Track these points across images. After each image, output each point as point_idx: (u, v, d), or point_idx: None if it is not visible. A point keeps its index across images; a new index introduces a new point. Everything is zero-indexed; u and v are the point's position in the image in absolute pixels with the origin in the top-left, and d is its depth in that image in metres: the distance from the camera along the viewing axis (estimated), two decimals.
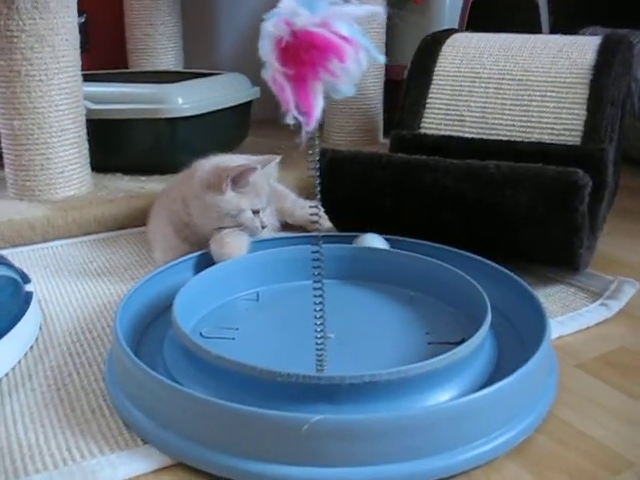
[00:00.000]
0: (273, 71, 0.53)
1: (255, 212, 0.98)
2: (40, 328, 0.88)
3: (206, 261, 0.94)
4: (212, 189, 0.97)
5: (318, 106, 0.54)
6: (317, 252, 0.64)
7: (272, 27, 0.52)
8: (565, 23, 1.90)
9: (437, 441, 0.59)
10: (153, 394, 0.65)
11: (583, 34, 1.65)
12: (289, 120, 0.53)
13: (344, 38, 0.52)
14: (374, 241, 0.98)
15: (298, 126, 0.53)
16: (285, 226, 1.21)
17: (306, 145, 0.58)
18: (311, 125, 0.54)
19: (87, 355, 0.81)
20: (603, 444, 0.65)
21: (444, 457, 0.59)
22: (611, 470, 0.61)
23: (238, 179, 0.96)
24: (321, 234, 0.64)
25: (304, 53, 0.51)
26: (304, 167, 1.42)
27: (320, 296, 0.65)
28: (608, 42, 1.14)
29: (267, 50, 0.52)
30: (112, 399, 0.71)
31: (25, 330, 0.83)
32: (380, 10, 0.52)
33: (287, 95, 0.53)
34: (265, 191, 1.00)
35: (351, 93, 0.54)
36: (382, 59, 0.53)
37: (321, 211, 0.64)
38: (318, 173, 0.61)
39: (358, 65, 0.53)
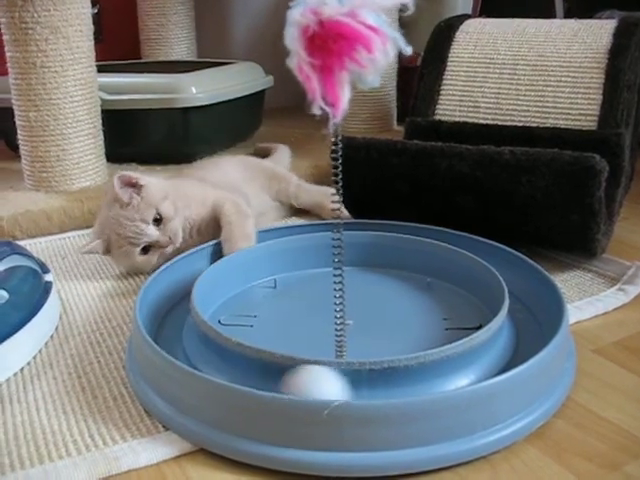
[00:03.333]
0: (299, 60, 0.52)
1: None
2: (60, 317, 0.89)
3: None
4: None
5: (345, 97, 0.54)
6: (338, 239, 0.64)
7: (299, 15, 0.51)
8: (579, 9, 1.88)
9: (456, 426, 0.60)
10: (173, 381, 0.66)
11: (599, 18, 1.63)
12: (315, 110, 0.52)
13: (371, 28, 0.51)
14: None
15: (324, 116, 0.53)
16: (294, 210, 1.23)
17: (326, 134, 0.58)
18: (338, 116, 0.54)
19: (107, 344, 0.82)
20: (621, 427, 0.65)
21: (464, 441, 0.59)
22: (630, 453, 0.61)
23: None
24: (341, 221, 0.64)
25: (332, 43, 0.51)
26: (317, 156, 1.45)
27: (340, 283, 0.65)
28: (624, 25, 1.13)
29: (293, 39, 0.52)
30: (133, 386, 0.72)
31: (45, 319, 0.84)
32: (408, 0, 0.52)
33: (313, 85, 0.52)
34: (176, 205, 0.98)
35: (377, 84, 0.53)
36: (409, 50, 0.52)
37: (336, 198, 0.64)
38: (340, 161, 0.61)
39: (385, 56, 0.52)
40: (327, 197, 1.18)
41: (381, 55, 0.52)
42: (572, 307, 0.86)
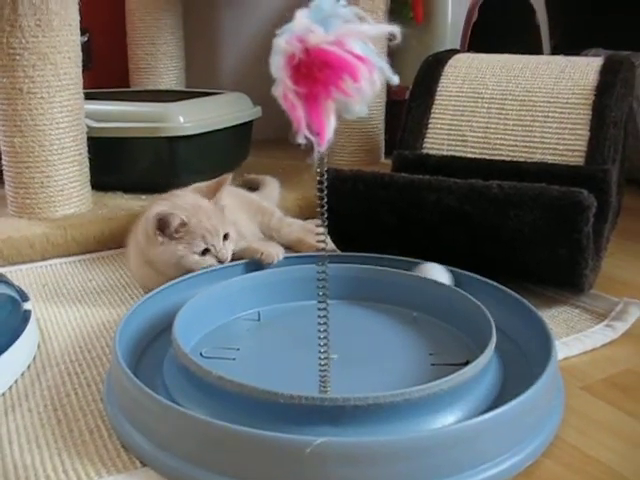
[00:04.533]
0: (284, 88, 0.51)
1: (206, 250, 0.95)
2: (38, 347, 0.86)
3: (206, 280, 0.93)
4: (149, 244, 0.96)
5: (330, 126, 0.53)
6: (323, 272, 0.63)
7: (285, 43, 0.50)
8: (565, 46, 1.91)
9: (442, 465, 0.58)
10: (152, 415, 0.64)
11: (585, 55, 1.65)
12: (300, 140, 0.52)
13: (358, 57, 0.51)
14: (435, 272, 0.93)
15: (309, 146, 0.52)
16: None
17: (312, 164, 0.57)
18: (323, 146, 0.53)
19: (85, 375, 0.80)
20: (611, 467, 0.63)
21: None
22: None
23: (163, 227, 0.94)
24: (327, 254, 0.62)
25: (317, 71, 0.50)
26: (304, 188, 1.44)
27: (325, 317, 0.64)
28: (610, 63, 1.14)
29: (279, 66, 0.51)
30: (110, 420, 0.69)
31: (23, 349, 0.82)
32: (396, 29, 0.51)
33: (298, 114, 0.51)
34: (211, 223, 0.96)
35: (364, 113, 0.53)
36: (396, 80, 0.52)
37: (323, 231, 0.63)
38: (325, 192, 0.60)
39: (372, 85, 0.51)
40: (308, 233, 1.18)
41: (367, 84, 0.51)
42: (560, 343, 0.85)
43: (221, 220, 0.99)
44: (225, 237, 0.98)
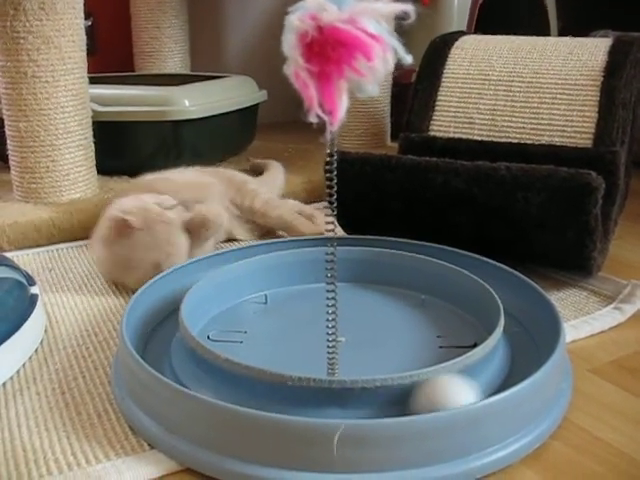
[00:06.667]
0: (296, 67, 0.51)
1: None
2: (45, 331, 0.87)
3: (213, 263, 0.92)
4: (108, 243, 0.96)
5: (343, 105, 0.52)
6: (331, 254, 0.62)
7: (297, 21, 0.50)
8: (573, 27, 1.89)
9: (450, 447, 0.58)
10: (160, 398, 0.64)
11: (594, 37, 1.63)
12: (312, 119, 0.51)
13: (372, 36, 0.50)
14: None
15: (320, 126, 0.52)
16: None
17: (320, 146, 0.56)
18: (335, 125, 0.52)
19: (93, 358, 0.80)
20: (620, 450, 0.63)
21: (458, 463, 0.58)
22: (629, 476, 0.60)
23: (121, 234, 0.94)
24: (335, 236, 0.62)
25: (330, 50, 0.50)
26: (310, 171, 1.43)
27: (333, 299, 0.64)
28: (619, 44, 1.13)
29: (291, 45, 0.50)
30: (118, 403, 0.70)
31: (30, 333, 0.82)
32: (410, 8, 0.50)
33: (311, 92, 0.51)
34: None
35: (376, 93, 0.52)
36: (409, 59, 0.51)
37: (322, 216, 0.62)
38: (334, 173, 0.60)
39: (385, 64, 0.51)
40: (298, 217, 1.15)
41: (381, 64, 0.50)
42: (568, 326, 0.84)
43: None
44: None
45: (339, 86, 0.51)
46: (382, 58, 0.50)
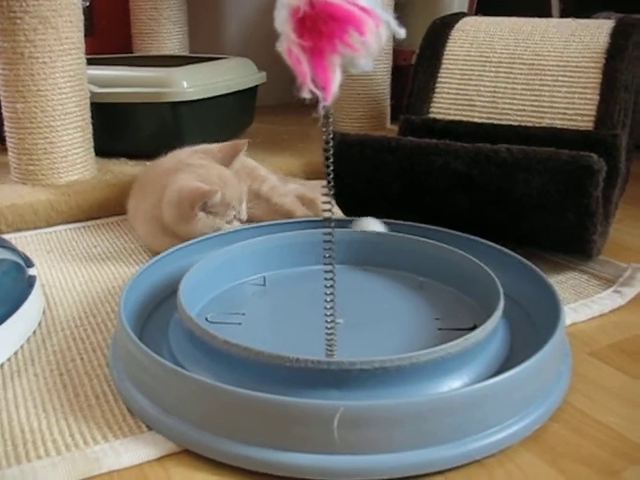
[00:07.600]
0: (289, 42, 0.50)
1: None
2: (43, 312, 0.86)
3: (212, 245, 0.92)
4: (182, 219, 0.97)
5: (335, 80, 0.51)
6: (329, 234, 0.62)
7: None
8: (575, 10, 1.87)
9: (450, 428, 0.58)
10: (158, 379, 0.64)
11: (596, 19, 1.62)
12: (305, 94, 0.50)
13: (364, 10, 0.49)
14: (371, 225, 0.96)
15: (314, 101, 0.51)
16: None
17: (317, 125, 0.55)
18: (328, 100, 0.52)
19: (91, 340, 0.80)
20: (618, 432, 0.63)
21: (457, 445, 0.58)
22: (627, 459, 0.60)
23: (204, 205, 0.96)
24: (333, 217, 0.62)
25: (322, 25, 0.49)
26: (310, 154, 1.43)
27: (331, 279, 0.63)
28: (622, 25, 1.12)
29: (283, 20, 0.50)
30: (116, 384, 0.69)
31: (28, 314, 0.81)
32: None
33: (303, 68, 0.50)
34: (236, 190, 1.00)
35: (370, 68, 0.51)
36: (402, 33, 0.50)
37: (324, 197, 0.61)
38: (332, 152, 0.59)
39: (378, 39, 0.50)
40: (301, 206, 1.14)
41: (373, 38, 0.50)
42: (568, 309, 0.84)
43: (240, 186, 1.02)
44: None
45: (332, 61, 0.51)
46: (375, 32, 0.50)
